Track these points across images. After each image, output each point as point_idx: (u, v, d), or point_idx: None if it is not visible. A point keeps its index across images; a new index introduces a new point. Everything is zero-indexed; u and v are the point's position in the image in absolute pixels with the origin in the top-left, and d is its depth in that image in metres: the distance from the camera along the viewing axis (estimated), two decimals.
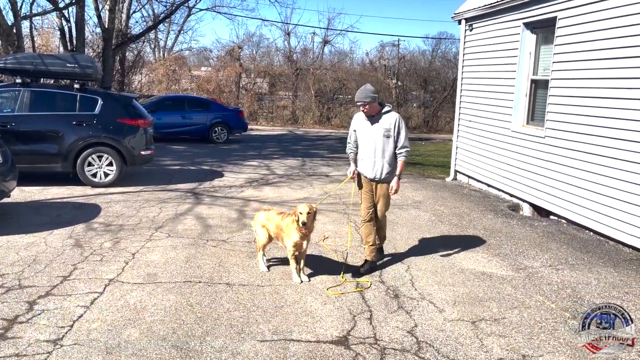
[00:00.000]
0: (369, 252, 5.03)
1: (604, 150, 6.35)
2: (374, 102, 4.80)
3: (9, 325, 3.67)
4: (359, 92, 4.80)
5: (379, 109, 4.85)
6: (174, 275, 4.75)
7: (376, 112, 4.85)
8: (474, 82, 10.02)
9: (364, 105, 4.78)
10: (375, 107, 4.83)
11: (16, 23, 14.15)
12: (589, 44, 6.69)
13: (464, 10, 10.09)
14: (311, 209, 4.57)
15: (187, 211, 7.18)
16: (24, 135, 8.25)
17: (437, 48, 31.88)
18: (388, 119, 4.83)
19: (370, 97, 4.75)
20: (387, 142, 4.83)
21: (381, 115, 4.85)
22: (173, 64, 27.99)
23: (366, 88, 4.82)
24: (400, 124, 4.84)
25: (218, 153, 13.85)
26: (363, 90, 4.79)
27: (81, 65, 8.93)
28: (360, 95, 4.77)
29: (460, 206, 8.05)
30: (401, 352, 3.51)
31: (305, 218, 4.49)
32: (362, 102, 4.76)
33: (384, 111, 4.86)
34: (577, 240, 6.35)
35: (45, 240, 5.63)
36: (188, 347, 3.47)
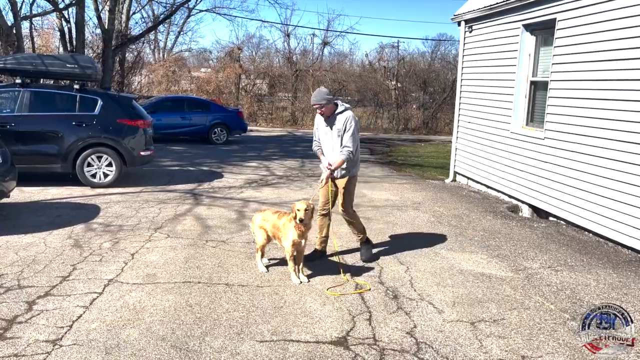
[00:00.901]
0: (319, 242, 5.36)
1: (603, 151, 6.36)
2: (330, 104, 4.95)
3: (7, 326, 3.67)
4: (314, 95, 4.97)
5: (334, 109, 5.00)
6: (173, 275, 4.75)
7: (331, 112, 5.00)
8: (473, 83, 10.03)
9: (320, 108, 4.95)
10: (331, 108, 4.98)
11: (16, 23, 14.17)
12: (588, 45, 6.70)
13: (463, 12, 10.10)
14: (309, 206, 4.57)
15: (187, 212, 7.18)
16: (23, 135, 8.25)
17: (436, 50, 32.00)
18: (341, 119, 4.98)
19: (325, 99, 4.91)
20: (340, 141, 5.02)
21: (336, 116, 5.00)
22: (173, 65, 28.03)
23: (321, 91, 4.99)
24: (349, 124, 4.95)
25: (217, 154, 13.85)
26: (318, 94, 4.95)
27: (81, 66, 8.94)
28: (315, 98, 4.93)
29: (459, 207, 8.06)
30: (400, 352, 3.51)
31: (303, 215, 4.49)
32: (318, 104, 4.93)
33: (338, 112, 5.00)
34: (577, 242, 6.35)
35: (44, 241, 5.63)
36: (187, 347, 3.47)
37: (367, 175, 11.04)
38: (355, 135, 4.99)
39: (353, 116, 5.01)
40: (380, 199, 8.53)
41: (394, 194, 8.94)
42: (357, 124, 5.07)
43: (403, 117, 26.67)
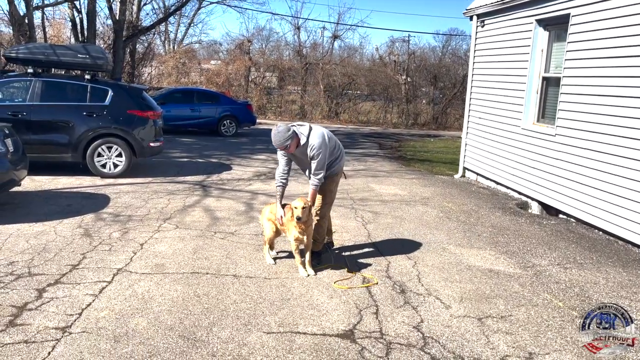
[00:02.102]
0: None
1: (614, 149, 6.29)
2: (293, 139, 4.53)
3: (18, 312, 3.71)
4: (274, 138, 4.49)
5: (298, 141, 4.59)
6: (182, 266, 4.78)
7: (297, 145, 4.61)
8: (484, 78, 9.95)
9: (287, 149, 4.57)
10: (296, 141, 4.57)
11: (28, 13, 14.24)
12: (602, 41, 6.61)
13: (476, 7, 10.01)
14: (306, 203, 4.57)
15: (195, 203, 7.21)
16: (35, 124, 8.31)
17: (447, 44, 31.75)
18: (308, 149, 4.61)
19: (288, 139, 4.49)
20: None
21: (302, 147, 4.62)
22: (183, 56, 28.05)
23: (279, 131, 4.47)
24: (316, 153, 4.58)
25: (226, 146, 13.88)
26: (278, 136, 4.46)
27: (92, 56, 8.98)
28: (278, 142, 4.49)
29: (468, 203, 8.02)
30: (407, 347, 3.51)
31: (300, 213, 4.49)
32: (283, 147, 4.54)
33: (302, 144, 4.60)
34: (586, 240, 6.31)
35: (54, 229, 5.68)
36: (195, 337, 3.49)
37: (376, 170, 11.03)
38: (324, 154, 4.63)
39: (319, 139, 4.59)
40: (389, 193, 8.51)
41: (402, 189, 8.91)
42: (325, 135, 4.69)
43: (413, 112, 26.55)
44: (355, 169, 10.83)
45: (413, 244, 5.78)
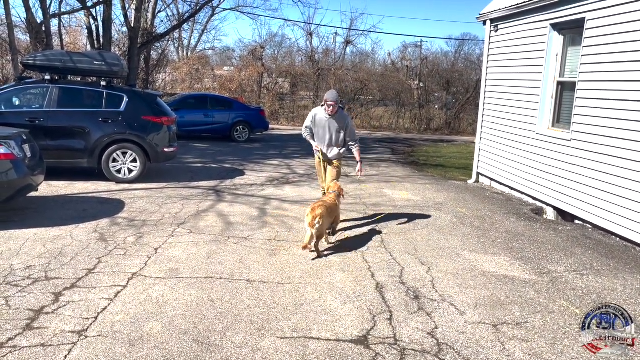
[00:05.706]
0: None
1: (631, 154, 6.20)
2: (337, 105, 5.98)
3: (35, 316, 3.76)
4: (331, 93, 5.92)
5: (337, 110, 6.03)
6: (196, 270, 4.80)
7: (336, 112, 6.02)
8: (498, 83, 9.89)
9: (334, 106, 5.91)
10: (337, 108, 5.99)
11: (45, 21, 14.46)
12: (618, 45, 6.54)
13: (489, 11, 9.97)
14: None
15: (209, 208, 7.24)
16: (51, 130, 8.43)
17: (460, 49, 31.74)
18: (341, 118, 6.09)
19: (338, 100, 5.95)
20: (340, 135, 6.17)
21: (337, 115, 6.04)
22: (196, 63, 28.32)
23: (334, 92, 5.98)
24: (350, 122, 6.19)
25: (239, 152, 13.95)
26: (334, 94, 5.93)
27: (108, 63, 9.08)
28: (333, 96, 5.90)
29: (482, 209, 7.96)
30: (421, 353, 3.48)
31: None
32: (334, 102, 5.90)
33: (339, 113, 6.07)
34: (603, 246, 6.22)
35: (71, 234, 5.75)
36: (209, 341, 3.51)
37: (389, 175, 11.00)
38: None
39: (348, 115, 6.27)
40: (402, 198, 8.48)
41: (415, 194, 8.88)
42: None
43: (425, 117, 26.46)
44: (368, 174, 10.80)
45: (427, 249, 5.74)
